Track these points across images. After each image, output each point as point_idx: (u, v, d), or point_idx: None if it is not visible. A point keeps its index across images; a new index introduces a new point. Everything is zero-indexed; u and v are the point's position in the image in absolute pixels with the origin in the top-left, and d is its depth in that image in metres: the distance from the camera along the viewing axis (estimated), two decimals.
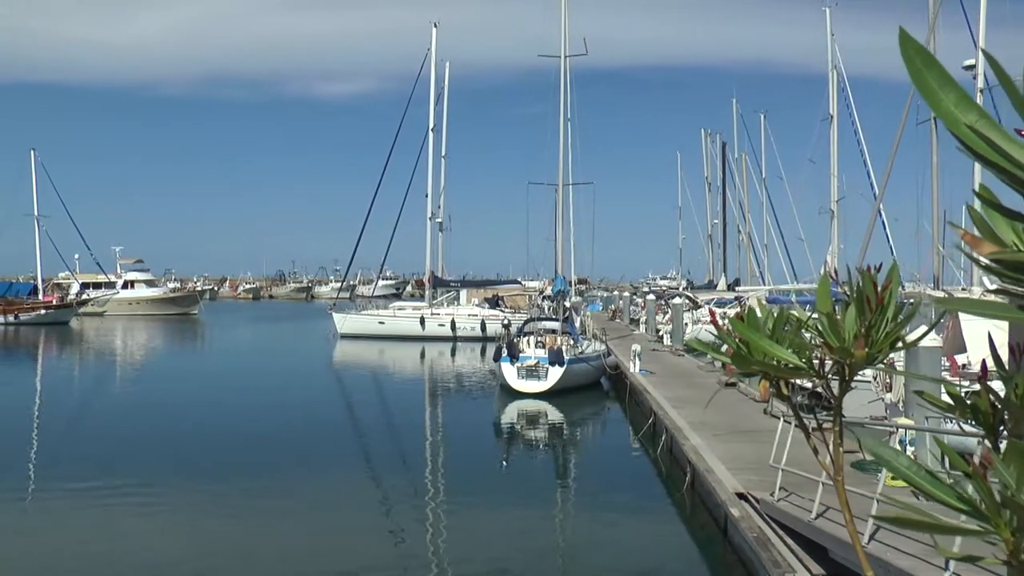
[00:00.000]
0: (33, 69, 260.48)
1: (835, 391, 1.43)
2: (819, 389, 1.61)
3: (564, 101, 37.04)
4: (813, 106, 44.72)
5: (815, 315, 1.44)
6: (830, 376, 1.42)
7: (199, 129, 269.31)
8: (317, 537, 12.42)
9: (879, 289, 1.32)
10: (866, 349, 1.31)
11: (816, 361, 1.44)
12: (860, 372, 1.40)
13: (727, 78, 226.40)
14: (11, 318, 64.56)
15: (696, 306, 48.26)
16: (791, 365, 1.44)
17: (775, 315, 1.51)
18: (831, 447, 1.49)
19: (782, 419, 11.69)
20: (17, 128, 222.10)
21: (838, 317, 1.36)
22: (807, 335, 1.48)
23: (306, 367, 38.87)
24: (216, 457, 17.85)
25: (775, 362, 1.46)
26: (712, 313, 4.48)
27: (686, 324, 40.01)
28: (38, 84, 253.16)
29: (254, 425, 22.09)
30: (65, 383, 34.66)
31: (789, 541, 9.62)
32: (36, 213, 75.29)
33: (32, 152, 75.71)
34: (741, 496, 11.57)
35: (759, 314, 1.58)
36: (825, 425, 1.60)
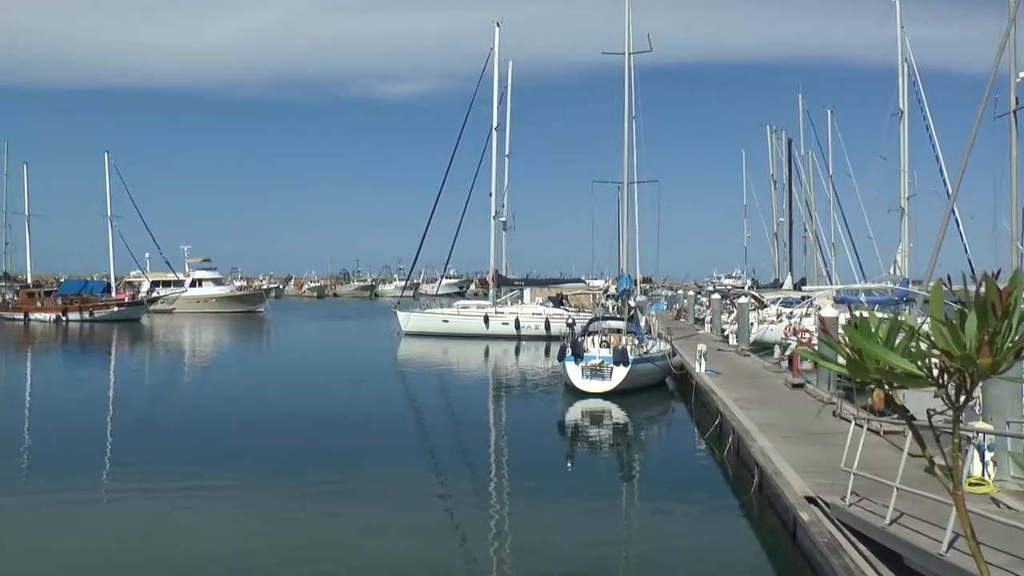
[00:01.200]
0: (109, 75, 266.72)
1: (956, 399, 1.35)
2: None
3: (628, 98, 36.84)
4: (882, 100, 43.52)
5: (929, 322, 1.36)
6: (951, 385, 1.34)
7: (266, 130, 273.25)
8: (381, 533, 12.49)
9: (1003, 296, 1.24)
10: (991, 358, 1.23)
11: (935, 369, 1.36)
12: None
13: (793, 73, 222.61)
14: (86, 315, 66.47)
15: (762, 305, 47.64)
16: (907, 373, 1.36)
17: (886, 323, 1.43)
18: (948, 459, 1.41)
19: (853, 422, 11.45)
20: (93, 132, 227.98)
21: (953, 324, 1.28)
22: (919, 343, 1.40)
23: (370, 365, 39.18)
24: (282, 453, 18.09)
25: (890, 370, 1.38)
26: (822, 320, 4.38)
27: (752, 324, 39.54)
28: (114, 89, 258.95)
29: (319, 421, 22.33)
30: (136, 378, 35.44)
31: (861, 547, 9.39)
32: (109, 213, 77.22)
33: (106, 155, 77.63)
34: (811, 500, 11.35)
35: (862, 321, 1.50)
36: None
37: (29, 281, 79.33)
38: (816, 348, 25.05)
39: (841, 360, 1.41)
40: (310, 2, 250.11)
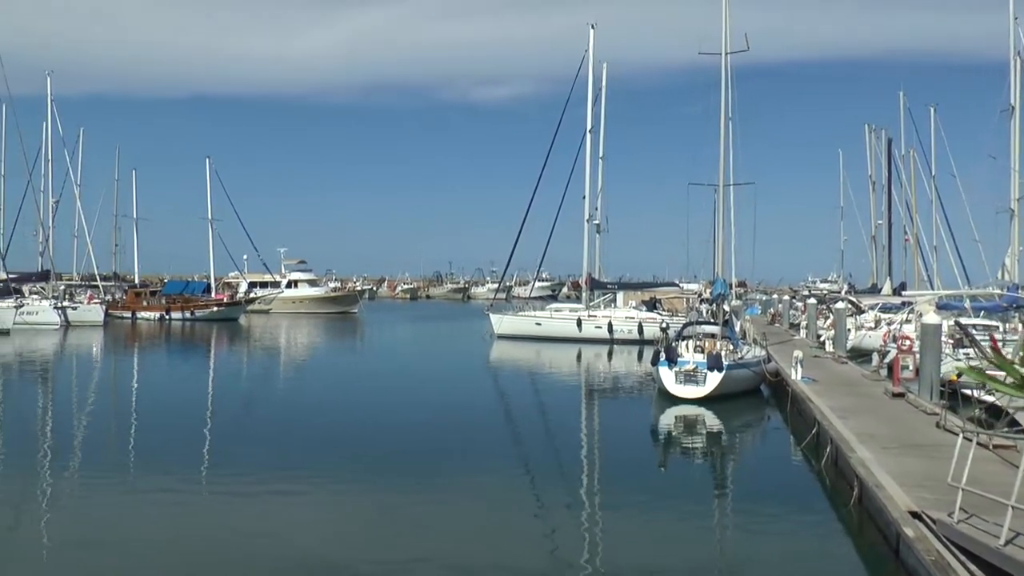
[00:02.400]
0: (211, 83, 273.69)
1: None
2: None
3: (725, 99, 36.23)
4: (991, 97, 41.95)
5: None
6: None
7: (361, 135, 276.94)
8: (471, 535, 12.51)
9: None
10: None
11: None
12: None
13: (894, 70, 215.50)
14: (188, 314, 68.75)
15: (859, 311, 46.44)
16: None
17: None
18: None
19: (961, 435, 10.99)
20: (196, 138, 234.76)
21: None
22: None
23: (463, 366, 39.43)
24: (373, 453, 18.32)
25: None
26: (993, 340, 4.18)
27: (849, 330, 38.58)
28: (215, 96, 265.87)
29: (411, 422, 22.56)
30: (234, 375, 36.69)
31: (972, 567, 8.99)
32: (210, 217, 79.88)
33: (208, 160, 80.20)
34: (915, 515, 10.94)
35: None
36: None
37: (136, 281, 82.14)
38: (917, 355, 24.28)
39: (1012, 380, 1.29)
40: (406, 9, 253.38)
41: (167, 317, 68.29)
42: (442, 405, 26.17)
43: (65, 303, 61.25)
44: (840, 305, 40.21)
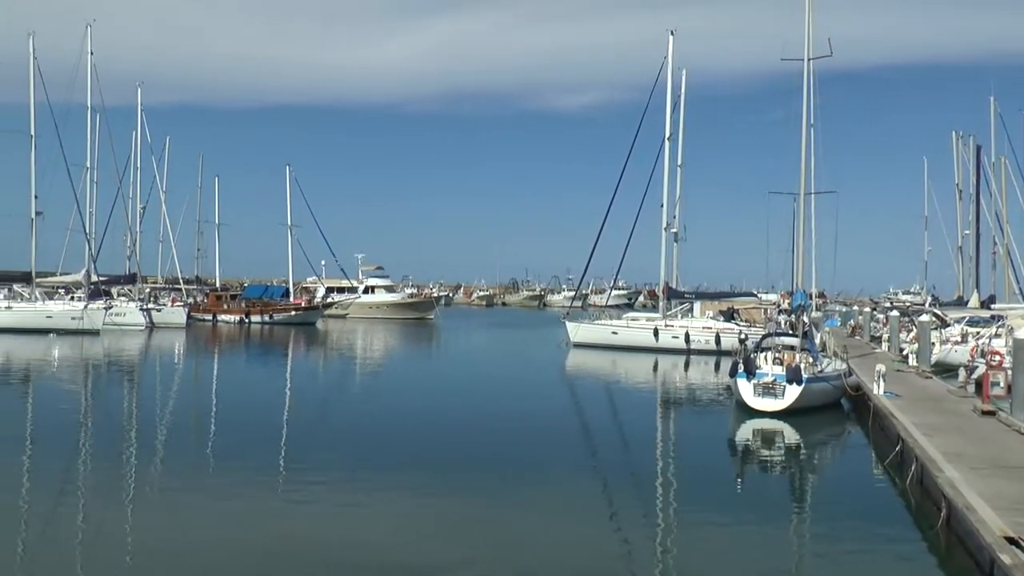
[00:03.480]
0: (291, 93, 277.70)
1: None
2: None
3: (807, 106, 35.62)
4: None
5: None
6: None
7: (438, 143, 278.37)
8: (544, 544, 12.36)
9: None
10: None
11: None
12: None
13: (982, 74, 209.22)
14: (267, 317, 70.11)
15: (944, 324, 45.12)
16: None
17: None
18: None
19: None
20: (275, 146, 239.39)
21: None
22: None
23: (538, 374, 39.34)
24: (447, 458, 18.40)
25: None
26: None
27: (933, 344, 37.47)
28: (295, 106, 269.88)
29: (485, 428, 22.67)
30: (311, 378, 37.53)
31: None
32: (289, 223, 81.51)
33: (288, 168, 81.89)
34: (1011, 541, 10.45)
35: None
36: None
37: (217, 285, 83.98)
38: (1008, 371, 23.44)
39: None
40: (484, 20, 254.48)
41: (246, 320, 69.74)
42: (517, 413, 26.13)
43: (150, 305, 63.08)
44: (924, 318, 39.10)
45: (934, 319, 42.54)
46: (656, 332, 49.75)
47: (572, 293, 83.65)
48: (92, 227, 62.51)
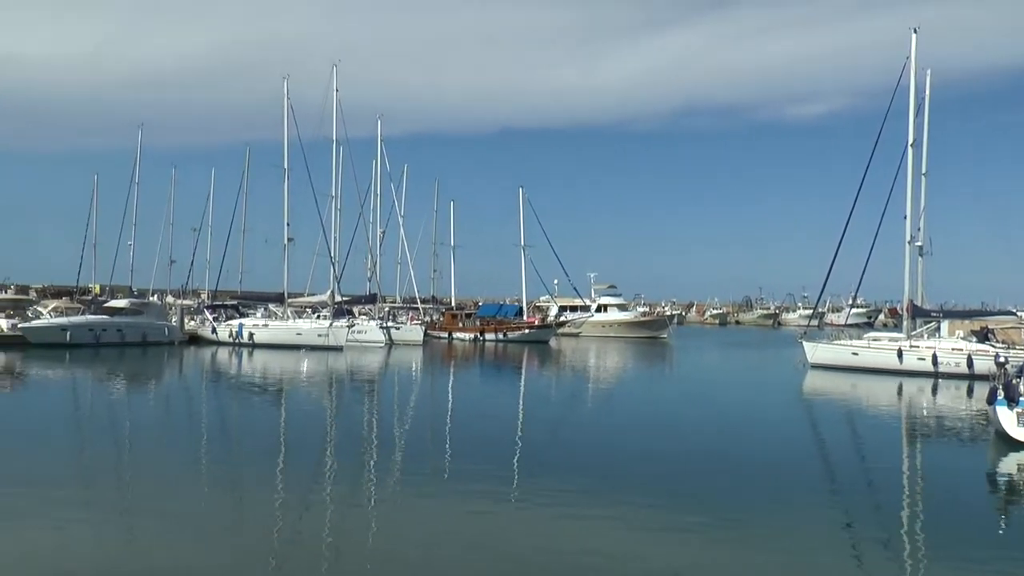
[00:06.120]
0: (519, 116, 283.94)
1: None
2: None
3: None
4: None
5: None
6: None
7: (669, 161, 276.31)
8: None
9: None
10: None
11: None
12: None
13: None
14: (500, 335, 71.77)
15: None
16: None
17: None
18: None
19: None
20: (506, 169, 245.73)
21: None
22: None
23: (774, 396, 38.03)
24: (677, 479, 18.16)
25: None
26: None
27: None
28: (523, 129, 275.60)
29: (718, 452, 21.95)
30: (544, 395, 38.08)
31: None
32: (523, 243, 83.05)
33: (520, 190, 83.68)
34: None
35: None
36: None
37: (452, 304, 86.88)
38: None
39: None
40: (710, 32, 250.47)
41: (481, 338, 71.63)
42: (751, 437, 25.29)
43: (389, 324, 66.19)
44: None
45: None
46: (900, 353, 46.89)
47: (808, 311, 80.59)
48: (336, 251, 66.60)
